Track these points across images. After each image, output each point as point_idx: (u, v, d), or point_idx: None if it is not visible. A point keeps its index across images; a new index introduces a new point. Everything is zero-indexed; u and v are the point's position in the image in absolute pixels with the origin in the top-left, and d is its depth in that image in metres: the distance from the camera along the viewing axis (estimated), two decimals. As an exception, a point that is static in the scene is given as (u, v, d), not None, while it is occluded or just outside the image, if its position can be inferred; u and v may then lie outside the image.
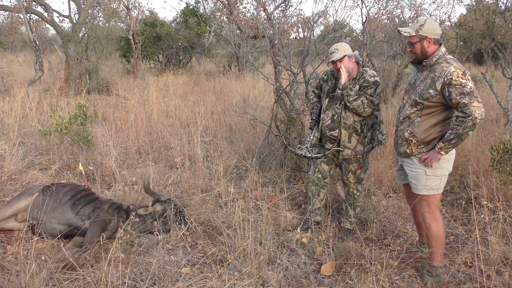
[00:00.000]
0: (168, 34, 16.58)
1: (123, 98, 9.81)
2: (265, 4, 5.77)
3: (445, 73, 2.90)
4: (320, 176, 4.07)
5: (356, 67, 3.78)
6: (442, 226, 3.20)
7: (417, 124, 3.08)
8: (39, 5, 11.20)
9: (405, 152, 3.18)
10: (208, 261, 3.42)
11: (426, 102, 3.00)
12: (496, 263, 3.36)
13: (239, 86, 11.54)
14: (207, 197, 4.54)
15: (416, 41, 3.04)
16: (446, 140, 2.93)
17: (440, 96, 2.95)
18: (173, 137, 6.33)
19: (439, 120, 3.04)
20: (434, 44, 3.03)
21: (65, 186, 3.94)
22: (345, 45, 3.70)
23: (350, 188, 4.00)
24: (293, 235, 3.92)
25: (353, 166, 3.91)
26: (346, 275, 3.34)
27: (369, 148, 3.84)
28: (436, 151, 3.00)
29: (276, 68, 5.61)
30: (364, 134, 3.77)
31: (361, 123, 3.75)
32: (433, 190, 3.14)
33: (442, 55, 3.02)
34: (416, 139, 3.09)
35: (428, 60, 3.04)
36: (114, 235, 3.79)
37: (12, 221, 3.82)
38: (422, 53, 3.06)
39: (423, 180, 3.12)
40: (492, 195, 4.32)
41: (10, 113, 7.33)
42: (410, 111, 3.11)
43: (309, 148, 3.93)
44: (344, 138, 3.77)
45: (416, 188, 3.19)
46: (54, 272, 3.05)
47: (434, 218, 3.19)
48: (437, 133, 3.06)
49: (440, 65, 2.99)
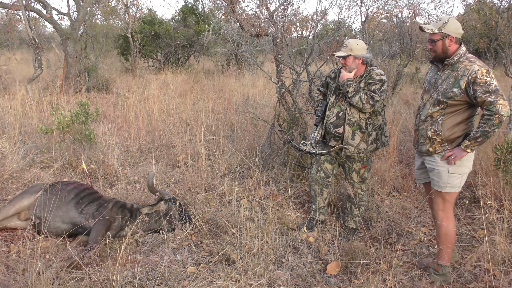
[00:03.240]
0: (166, 32, 16.52)
1: (123, 97, 9.76)
2: (267, 3, 5.76)
3: (469, 72, 2.88)
4: (323, 175, 4.05)
5: (362, 67, 3.73)
6: (453, 226, 3.19)
7: (440, 122, 3.06)
8: (38, 3, 11.14)
9: (427, 151, 3.16)
10: (214, 260, 3.41)
11: (450, 100, 2.98)
12: (502, 262, 3.36)
13: (239, 84, 11.52)
14: (210, 196, 4.53)
15: (438, 39, 3.01)
16: (473, 138, 2.92)
17: (464, 95, 2.93)
18: (174, 135, 6.31)
19: (463, 118, 3.03)
20: (456, 43, 3.01)
21: (68, 185, 3.92)
22: (357, 44, 3.64)
23: (354, 188, 3.98)
24: (298, 234, 3.92)
25: (356, 165, 3.89)
26: (352, 275, 3.34)
27: (372, 147, 3.80)
28: (461, 149, 2.98)
29: (278, 67, 5.60)
30: (368, 132, 3.74)
31: (366, 121, 3.72)
32: (454, 188, 3.12)
33: (463, 53, 3.01)
34: (440, 138, 3.07)
35: (450, 59, 3.02)
36: (118, 234, 3.77)
37: (15, 220, 3.79)
38: (443, 51, 3.03)
39: (445, 177, 3.10)
40: (496, 195, 4.33)
41: (10, 111, 7.28)
42: (433, 110, 3.09)
43: (313, 144, 3.89)
44: (347, 135, 3.74)
45: (438, 185, 3.16)
46: (60, 271, 3.03)
47: (447, 217, 3.18)
48: (462, 131, 3.05)
49: (463, 63, 2.97)
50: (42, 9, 11.14)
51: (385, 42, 11.41)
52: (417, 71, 13.55)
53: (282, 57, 5.48)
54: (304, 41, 6.72)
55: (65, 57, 11.33)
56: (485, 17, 6.04)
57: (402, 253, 3.70)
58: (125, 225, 3.80)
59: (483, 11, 5.81)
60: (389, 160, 5.32)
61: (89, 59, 12.41)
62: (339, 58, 3.83)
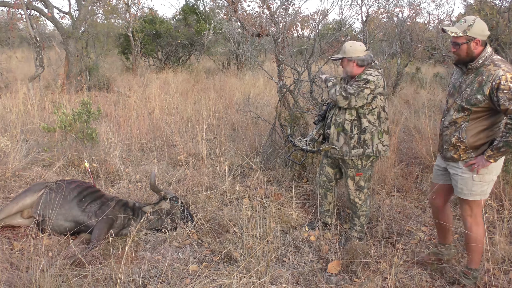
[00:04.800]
0: (167, 31, 16.54)
1: (125, 96, 9.79)
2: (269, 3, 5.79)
3: (493, 77, 2.74)
4: (325, 179, 4.04)
5: (359, 69, 3.63)
6: (483, 230, 3.11)
7: (464, 129, 2.95)
8: (40, 1, 11.15)
9: (452, 157, 3.06)
10: (216, 258, 3.43)
11: (474, 107, 2.85)
12: (502, 261, 3.39)
13: (239, 84, 11.54)
14: (212, 195, 4.55)
15: (463, 42, 2.85)
16: (495, 148, 2.80)
17: (489, 101, 2.79)
18: (176, 134, 6.33)
19: (488, 125, 2.91)
20: (481, 46, 2.86)
21: (71, 183, 3.94)
22: (348, 46, 3.58)
23: (350, 196, 3.89)
24: (299, 233, 3.94)
25: (350, 172, 3.79)
26: (353, 273, 3.37)
27: (358, 152, 3.65)
28: (485, 159, 2.87)
29: (279, 67, 5.62)
30: (351, 134, 3.63)
31: (352, 123, 3.62)
32: (479, 196, 3.02)
33: (488, 56, 2.85)
34: (464, 145, 2.96)
35: (474, 63, 2.86)
36: (120, 232, 3.79)
37: (18, 218, 3.82)
38: (468, 54, 2.88)
39: (469, 185, 3.00)
40: (496, 195, 4.35)
41: (12, 109, 7.30)
42: (457, 116, 2.97)
43: (308, 142, 3.90)
44: (332, 136, 3.72)
45: (461, 193, 3.07)
46: (63, 268, 3.06)
47: (476, 222, 3.09)
48: (486, 138, 2.93)
49: (487, 67, 2.82)
50: (44, 7, 11.15)
51: (385, 42, 11.42)
52: (417, 70, 13.57)
53: (283, 57, 5.50)
54: (305, 40, 6.75)
55: (66, 55, 11.33)
56: (486, 17, 6.05)
57: (403, 252, 3.72)
58: (127, 223, 3.83)
59: (484, 11, 5.83)
60: (390, 160, 5.34)
61: (90, 57, 12.42)
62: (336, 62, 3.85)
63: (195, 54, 18.51)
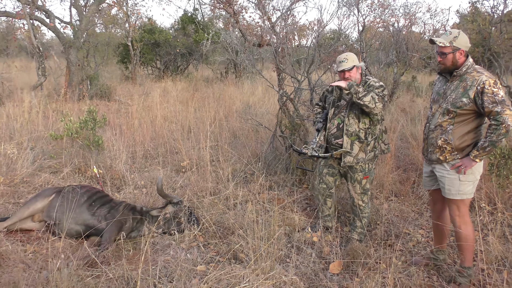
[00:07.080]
0: (166, 40, 16.75)
1: (126, 104, 9.94)
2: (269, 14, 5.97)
3: (478, 82, 3.00)
4: (325, 187, 4.16)
5: (359, 78, 3.87)
6: (472, 229, 3.27)
7: (450, 131, 3.16)
8: (42, 12, 11.33)
9: (437, 159, 3.26)
10: (222, 259, 3.57)
11: (459, 110, 3.08)
12: (495, 261, 3.54)
13: (238, 92, 11.71)
14: (216, 200, 4.69)
15: (449, 52, 3.10)
16: (481, 148, 3.02)
17: (473, 104, 3.03)
18: (179, 142, 6.48)
19: (472, 127, 3.14)
20: (464, 56, 3.12)
21: (81, 188, 4.08)
22: (353, 55, 3.79)
23: (354, 200, 4.04)
24: (301, 235, 4.08)
25: (358, 176, 3.94)
26: (353, 273, 3.51)
27: (370, 156, 3.87)
28: (470, 159, 3.09)
29: (279, 76, 5.79)
30: (367, 141, 3.82)
31: (366, 131, 3.81)
32: (466, 195, 3.21)
33: (470, 65, 3.12)
34: (450, 146, 3.17)
35: (459, 70, 3.12)
36: (129, 235, 3.93)
37: (29, 222, 3.95)
38: (453, 63, 3.13)
39: (456, 185, 3.20)
40: (489, 198, 4.51)
41: (17, 118, 7.43)
42: (442, 119, 3.20)
43: (315, 148, 3.99)
44: (346, 145, 3.82)
45: (449, 193, 3.25)
46: (77, 268, 3.19)
47: (464, 221, 3.26)
48: (471, 140, 3.15)
49: (471, 74, 3.08)
50: (45, 18, 11.33)
51: (382, 51, 11.63)
52: (413, 79, 13.79)
53: (284, 66, 5.67)
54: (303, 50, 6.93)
55: (67, 65, 11.50)
56: (479, 28, 6.26)
57: (401, 253, 3.87)
58: (136, 226, 3.96)
59: (477, 22, 6.03)
60: (388, 165, 5.50)
61: (90, 67, 12.59)
62: (336, 73, 3.97)
63: (193, 63, 18.71)
